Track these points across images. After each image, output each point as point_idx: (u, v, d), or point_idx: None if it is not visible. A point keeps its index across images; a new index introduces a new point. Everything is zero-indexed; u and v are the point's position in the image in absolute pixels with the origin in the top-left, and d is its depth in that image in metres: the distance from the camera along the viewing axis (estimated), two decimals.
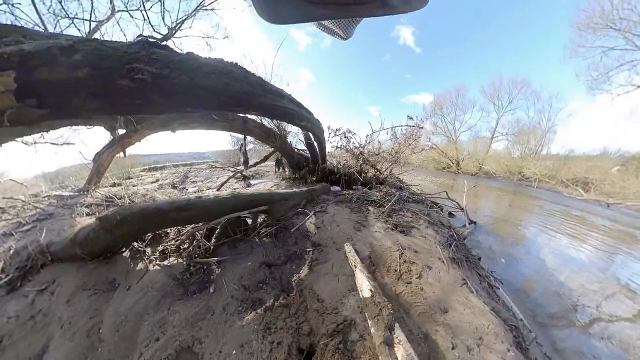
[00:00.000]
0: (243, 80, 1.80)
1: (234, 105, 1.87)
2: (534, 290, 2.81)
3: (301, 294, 1.45)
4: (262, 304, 1.42)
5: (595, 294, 2.85)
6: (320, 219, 2.47)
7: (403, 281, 1.47)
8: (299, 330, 1.22)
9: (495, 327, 1.25)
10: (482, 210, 7.01)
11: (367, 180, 4.91)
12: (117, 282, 1.78)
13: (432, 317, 1.24)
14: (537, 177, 13.27)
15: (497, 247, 3.86)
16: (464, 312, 1.29)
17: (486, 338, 1.18)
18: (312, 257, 1.81)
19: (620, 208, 8.78)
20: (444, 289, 1.41)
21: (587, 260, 3.82)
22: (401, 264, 1.59)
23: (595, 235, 5.19)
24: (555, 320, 2.41)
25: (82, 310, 1.55)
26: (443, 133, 22.82)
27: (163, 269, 1.84)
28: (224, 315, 1.40)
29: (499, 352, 1.12)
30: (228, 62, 1.76)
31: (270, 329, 1.24)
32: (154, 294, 1.61)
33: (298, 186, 4.75)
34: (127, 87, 1.33)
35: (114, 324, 1.45)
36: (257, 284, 1.63)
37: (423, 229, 2.31)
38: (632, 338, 2.17)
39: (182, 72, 1.46)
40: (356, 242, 1.86)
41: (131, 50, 1.34)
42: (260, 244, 2.09)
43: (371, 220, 2.42)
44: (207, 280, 1.75)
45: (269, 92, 2.10)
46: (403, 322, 1.18)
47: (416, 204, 3.41)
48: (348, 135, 4.45)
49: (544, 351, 1.80)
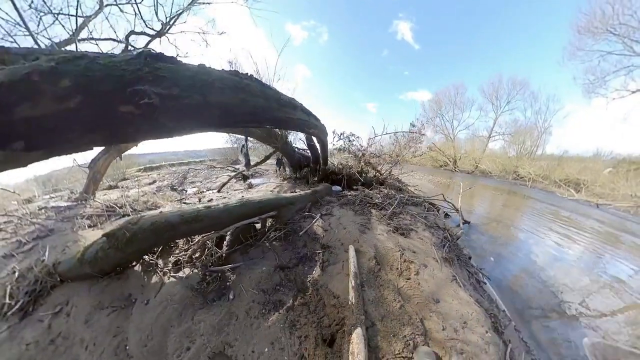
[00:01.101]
0: (260, 95, 1.76)
1: (249, 121, 1.81)
2: (518, 286, 3.16)
3: (317, 293, 1.69)
4: (283, 305, 1.61)
5: (573, 291, 3.21)
6: (327, 222, 2.76)
7: (403, 277, 1.78)
8: (320, 323, 1.47)
9: (477, 315, 1.56)
10: (477, 210, 7.36)
11: (367, 181, 5.18)
12: (133, 298, 1.77)
13: (427, 306, 1.55)
14: (531, 177, 13.72)
15: (487, 246, 4.21)
16: (452, 302, 1.60)
17: (469, 323, 1.49)
18: (323, 259, 2.05)
19: (609, 209, 9.24)
20: (437, 284, 1.73)
21: (571, 259, 4.19)
22: (401, 263, 1.90)
23: (582, 235, 5.59)
24: (535, 312, 2.75)
25: (104, 330, 1.55)
26: (441, 131, 23.21)
27: (179, 280, 1.87)
28: (249, 319, 1.53)
29: (479, 334, 1.44)
30: (243, 74, 1.68)
31: (295, 325, 1.46)
32: (174, 306, 1.66)
33: (299, 186, 5.02)
34: (131, 114, 1.13)
35: (140, 340, 1.47)
36: (274, 287, 1.78)
37: (420, 231, 2.62)
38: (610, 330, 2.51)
39: (194, 90, 1.31)
40: (362, 244, 2.16)
41: (131, 67, 1.14)
42: (271, 248, 2.23)
43: (374, 223, 2.72)
44: (224, 287, 1.82)
45: (284, 106, 2.14)
46: (404, 309, 1.48)
47: (415, 206, 3.73)
48: (352, 139, 4.73)
49: (521, 336, 2.13)
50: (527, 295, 3.00)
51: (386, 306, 1.52)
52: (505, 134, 20.86)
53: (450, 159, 20.52)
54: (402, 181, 6.92)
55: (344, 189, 5.04)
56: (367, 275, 1.80)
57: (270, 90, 1.89)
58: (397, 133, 4.97)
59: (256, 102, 1.70)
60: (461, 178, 14.89)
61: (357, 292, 1.55)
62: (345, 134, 4.74)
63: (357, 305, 1.44)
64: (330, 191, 4.62)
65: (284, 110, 2.13)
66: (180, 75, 1.26)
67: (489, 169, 17.11)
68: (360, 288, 1.61)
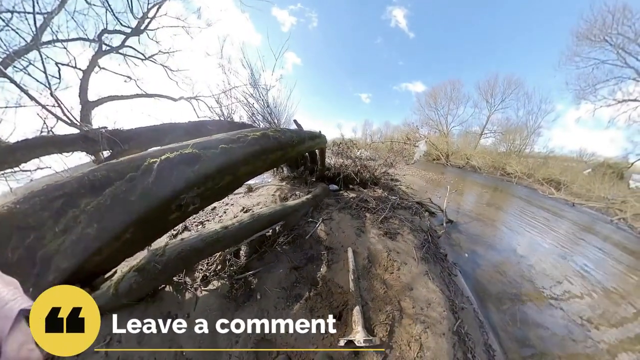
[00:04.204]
0: (277, 149, 2.27)
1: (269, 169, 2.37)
2: (483, 277, 3.96)
3: (326, 285, 2.32)
4: (302, 297, 2.15)
5: (531, 281, 4.04)
6: (328, 226, 3.40)
7: (388, 272, 2.49)
8: (330, 306, 2.11)
9: (439, 299, 2.29)
10: (463, 207, 8.19)
11: (362, 180, 5.83)
12: (173, 314, 1.96)
13: (403, 292, 2.27)
14: (517, 174, 14.78)
15: (464, 244, 5.01)
16: (422, 290, 2.33)
17: (432, 304, 2.22)
18: (328, 259, 2.65)
19: (583, 208, 10.36)
20: (412, 277, 2.45)
21: (535, 256, 5.06)
22: (387, 262, 2.62)
23: (551, 234, 6.52)
24: (493, 298, 3.55)
25: (158, 346, 1.75)
26: (435, 126, 24.04)
27: (211, 292, 2.14)
28: (278, 312, 1.97)
29: (438, 312, 2.17)
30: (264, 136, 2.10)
31: (314, 310, 2.06)
32: (214, 313, 1.94)
33: (298, 186, 5.58)
34: (179, 218, 1.52)
35: (193, 344, 1.76)
36: (292, 284, 2.25)
37: (405, 234, 3.34)
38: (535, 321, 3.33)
39: (227, 172, 1.70)
40: (358, 246, 2.86)
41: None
42: (282, 252, 2.64)
43: (368, 226, 3.42)
44: (249, 290, 2.16)
45: (296, 145, 2.66)
46: (387, 294, 2.20)
47: (404, 210, 4.46)
48: (350, 145, 5.37)
49: (478, 316, 2.89)
50: (490, 285, 3.81)
51: (375, 292, 2.24)
52: (497, 131, 21.94)
53: (442, 154, 21.45)
54: (395, 179, 7.65)
55: (340, 189, 5.64)
56: (362, 270, 2.50)
57: (283, 138, 2.37)
58: (393, 142, 5.66)
59: (275, 155, 2.21)
60: (452, 174, 15.84)
61: (354, 283, 2.24)
62: (345, 141, 5.38)
63: (355, 292, 2.14)
64: (329, 191, 5.21)
65: (297, 149, 2.67)
66: (214, 171, 1.59)
67: (479, 165, 18.13)
68: (357, 280, 2.31)
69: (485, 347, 2.33)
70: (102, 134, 3.05)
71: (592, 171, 13.60)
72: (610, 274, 4.77)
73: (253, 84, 6.27)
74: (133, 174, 1.21)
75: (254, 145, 2.00)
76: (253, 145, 1.99)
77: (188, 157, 1.49)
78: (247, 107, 6.19)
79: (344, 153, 5.59)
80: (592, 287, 4.08)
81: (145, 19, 7.18)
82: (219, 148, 1.75)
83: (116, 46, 7.06)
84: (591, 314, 3.34)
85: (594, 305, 3.58)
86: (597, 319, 3.24)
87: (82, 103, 6.72)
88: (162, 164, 1.29)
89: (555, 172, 13.79)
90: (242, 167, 1.85)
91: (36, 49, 4.17)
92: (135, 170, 1.23)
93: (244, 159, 1.85)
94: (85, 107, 6.80)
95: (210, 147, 1.71)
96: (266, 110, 6.02)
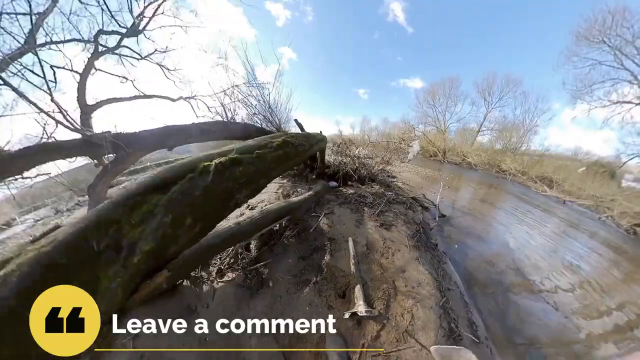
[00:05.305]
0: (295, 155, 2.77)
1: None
2: (470, 265, 4.38)
3: (330, 270, 2.66)
4: (310, 282, 2.48)
5: (513, 270, 4.46)
6: (330, 220, 3.74)
7: (384, 257, 2.88)
8: (335, 287, 2.46)
9: (428, 280, 2.68)
10: (457, 203, 8.59)
11: (361, 177, 6.19)
12: (193, 306, 2.10)
13: (397, 274, 2.65)
14: (512, 172, 15.27)
15: (455, 236, 5.42)
16: (413, 272, 2.72)
17: (422, 284, 2.61)
18: (331, 248, 2.99)
19: (573, 205, 10.87)
20: (405, 262, 2.84)
21: (522, 249, 5.50)
22: (383, 248, 3.00)
23: (539, 229, 6.98)
24: (482, 284, 3.96)
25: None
26: (432, 123, 24.48)
27: (227, 283, 2.33)
28: (290, 295, 2.24)
29: (427, 290, 2.56)
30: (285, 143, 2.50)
31: (321, 291, 2.39)
32: (231, 302, 2.14)
33: (299, 183, 5.93)
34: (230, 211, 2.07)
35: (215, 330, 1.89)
36: (300, 271, 2.52)
37: (399, 226, 3.73)
38: None
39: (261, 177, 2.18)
40: (357, 236, 3.23)
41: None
42: (289, 244, 2.92)
43: (366, 219, 3.80)
44: (262, 279, 2.40)
45: (308, 150, 3.08)
46: (383, 275, 2.58)
47: (399, 204, 4.84)
48: (349, 144, 5.74)
49: (464, 297, 3.29)
50: (477, 273, 4.21)
51: (373, 273, 2.62)
52: (493, 129, 22.46)
53: (440, 150, 21.89)
54: (392, 176, 8.04)
55: (340, 185, 5.99)
56: (361, 256, 2.88)
57: (299, 144, 2.82)
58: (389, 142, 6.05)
59: (294, 160, 2.82)
60: (448, 170, 16.28)
61: (355, 266, 2.62)
62: (344, 142, 5.75)
63: (356, 274, 2.52)
64: (329, 188, 5.54)
65: (307, 153, 3.20)
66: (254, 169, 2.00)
67: (475, 162, 18.61)
68: (357, 264, 2.69)
69: (469, 322, 2.72)
70: (107, 138, 3.04)
71: (585, 170, 14.15)
72: (593, 267, 5.22)
73: (253, 83, 6.55)
74: (191, 175, 1.47)
75: (278, 150, 2.32)
76: (277, 150, 2.31)
77: (235, 161, 1.80)
78: (248, 107, 6.49)
79: (343, 152, 5.95)
80: (574, 279, 4.52)
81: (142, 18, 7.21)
82: (255, 153, 2.07)
83: (112, 47, 6.96)
84: (574, 303, 3.77)
85: (576, 295, 4.01)
86: (579, 308, 3.66)
87: (81, 107, 6.79)
88: (217, 167, 1.59)
89: (549, 170, 14.30)
90: (272, 171, 2.16)
91: (33, 52, 4.04)
92: (192, 172, 1.48)
93: (273, 163, 2.17)
94: (85, 111, 6.92)
95: (247, 152, 2.03)
96: (267, 110, 6.31)
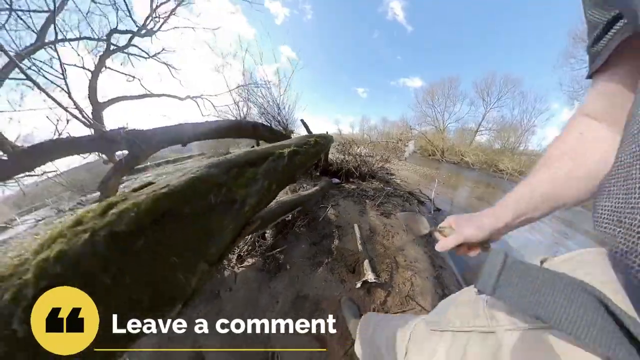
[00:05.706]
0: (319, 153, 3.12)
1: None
2: None
3: (340, 252, 3.08)
4: (322, 263, 2.85)
5: None
6: (336, 210, 4.20)
7: (385, 239, 3.34)
8: (345, 264, 2.88)
9: (423, 257, 3.14)
10: (455, 201, 9.03)
11: (362, 174, 6.65)
12: (216, 290, 2.29)
13: (398, 252, 3.11)
14: (508, 171, 15.78)
15: None
16: (411, 251, 3.18)
17: (419, 260, 3.07)
18: (339, 234, 3.42)
19: None
20: (403, 242, 3.30)
21: (518, 241, 5.95)
22: (384, 232, 3.46)
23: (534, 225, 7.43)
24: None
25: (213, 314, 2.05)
26: (431, 123, 25.03)
27: (248, 268, 2.55)
28: (306, 275, 2.53)
29: (423, 264, 3.02)
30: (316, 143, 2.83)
31: (333, 269, 2.79)
32: (253, 285, 2.36)
33: (304, 180, 6.36)
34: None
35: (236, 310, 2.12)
36: (313, 255, 2.98)
37: (397, 214, 4.19)
38: None
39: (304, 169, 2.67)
40: (362, 223, 3.69)
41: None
42: (301, 233, 3.27)
43: (368, 209, 4.26)
44: (279, 264, 2.66)
45: (323, 150, 3.56)
46: (386, 252, 3.03)
47: (397, 197, 5.31)
48: (351, 144, 6.21)
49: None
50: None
51: (377, 251, 3.09)
52: (491, 129, 23.02)
53: (438, 150, 22.43)
54: (391, 173, 8.51)
55: (342, 182, 6.44)
56: (366, 238, 3.34)
57: (324, 146, 3.37)
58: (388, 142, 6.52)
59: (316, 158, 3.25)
60: (446, 169, 16.76)
61: (362, 246, 3.08)
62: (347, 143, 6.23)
63: (364, 251, 2.98)
64: (332, 184, 6.00)
65: (323, 152, 3.62)
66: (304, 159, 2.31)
67: (472, 161, 19.12)
68: (364, 244, 3.14)
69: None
70: (122, 134, 3.11)
71: None
72: None
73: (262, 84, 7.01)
74: (272, 157, 1.83)
75: (315, 147, 2.75)
76: (314, 147, 2.73)
77: (296, 152, 2.18)
78: (257, 106, 6.95)
79: (346, 150, 6.41)
80: None
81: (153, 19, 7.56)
82: (303, 147, 2.47)
83: (122, 45, 7.40)
84: None
85: None
86: None
87: (93, 104, 7.18)
88: (289, 153, 2.01)
89: None
90: (308, 163, 2.57)
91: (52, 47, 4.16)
92: (272, 156, 1.84)
93: (310, 157, 2.56)
94: (96, 108, 7.31)
95: (299, 145, 2.42)
96: (275, 110, 6.76)
